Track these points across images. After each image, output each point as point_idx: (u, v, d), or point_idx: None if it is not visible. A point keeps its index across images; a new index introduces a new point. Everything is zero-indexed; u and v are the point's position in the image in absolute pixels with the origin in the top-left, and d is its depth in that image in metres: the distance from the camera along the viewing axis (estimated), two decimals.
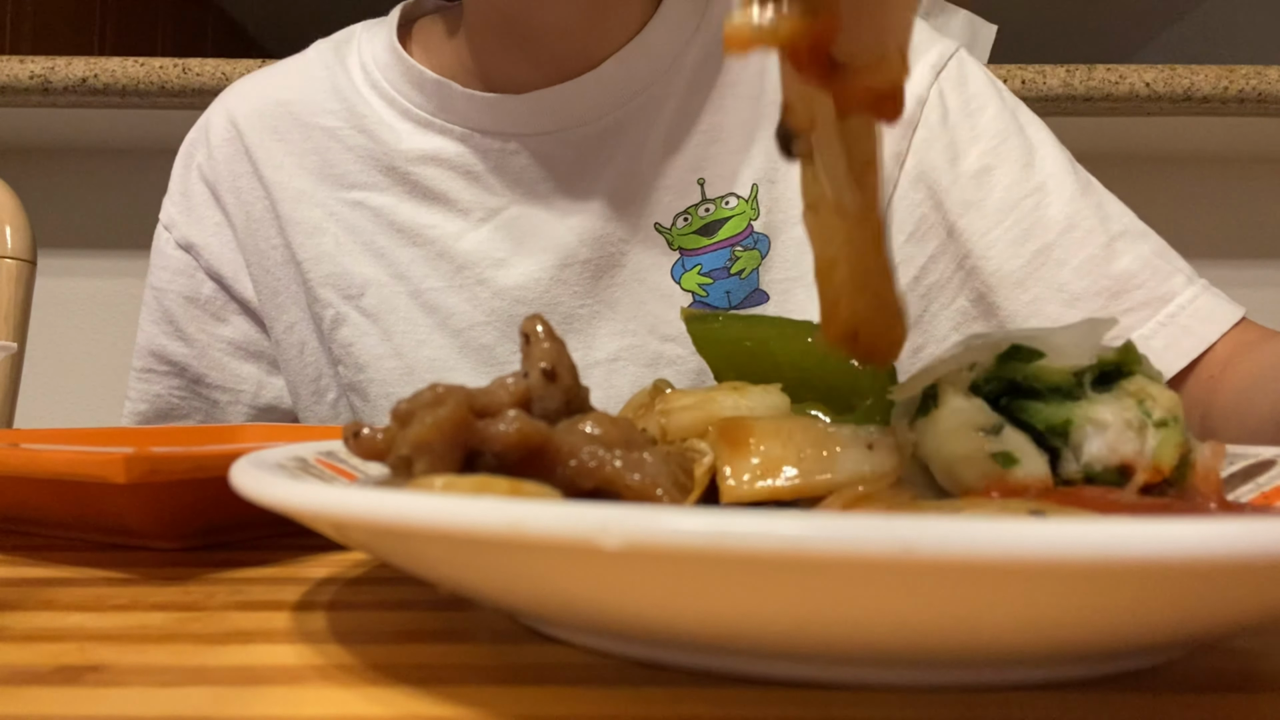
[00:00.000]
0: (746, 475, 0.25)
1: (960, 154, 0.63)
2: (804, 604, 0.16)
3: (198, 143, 0.71)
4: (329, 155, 0.67)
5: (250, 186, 0.68)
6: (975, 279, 0.62)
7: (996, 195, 0.62)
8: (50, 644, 0.22)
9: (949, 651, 0.17)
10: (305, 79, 0.69)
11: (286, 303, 0.68)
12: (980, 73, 0.67)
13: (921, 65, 0.65)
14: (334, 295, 0.65)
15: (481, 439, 0.23)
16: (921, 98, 0.64)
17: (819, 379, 0.34)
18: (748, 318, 0.37)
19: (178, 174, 0.72)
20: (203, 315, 0.70)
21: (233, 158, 0.69)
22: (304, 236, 0.66)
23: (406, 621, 0.23)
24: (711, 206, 0.63)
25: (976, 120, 0.64)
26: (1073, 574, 0.14)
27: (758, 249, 0.63)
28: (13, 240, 0.90)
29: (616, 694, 0.19)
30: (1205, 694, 0.19)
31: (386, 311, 0.64)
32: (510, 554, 0.17)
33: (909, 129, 0.64)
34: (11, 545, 0.33)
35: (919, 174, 0.64)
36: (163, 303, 0.70)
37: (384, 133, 0.66)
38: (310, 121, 0.67)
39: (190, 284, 0.70)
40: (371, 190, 0.66)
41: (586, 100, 0.63)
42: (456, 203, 0.65)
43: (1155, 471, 0.26)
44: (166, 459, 0.28)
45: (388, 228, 0.65)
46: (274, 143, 0.68)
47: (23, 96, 1.24)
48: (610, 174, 0.63)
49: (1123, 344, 0.27)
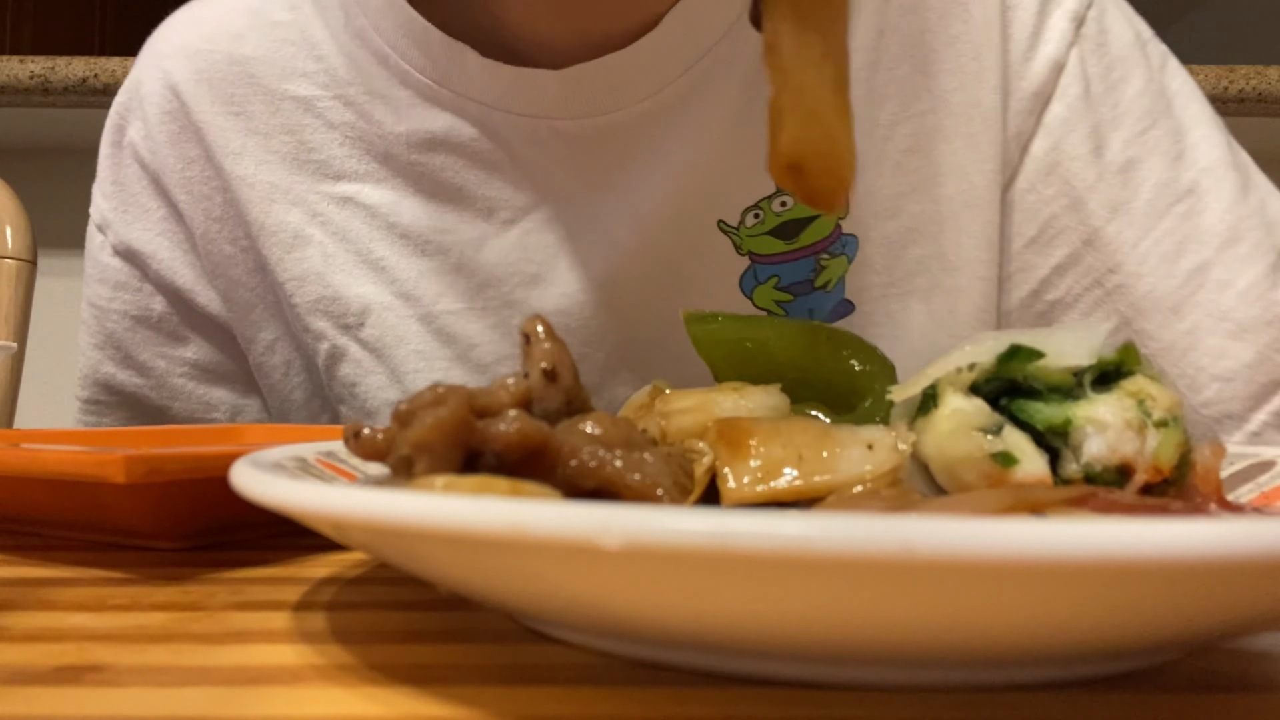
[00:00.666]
0: (747, 477, 0.25)
1: (1104, 142, 0.51)
2: (804, 604, 0.16)
3: (130, 116, 0.55)
4: (305, 136, 0.52)
5: (204, 177, 0.53)
6: (1120, 300, 0.51)
7: (1144, 196, 0.50)
8: (50, 644, 0.22)
9: (949, 651, 0.17)
10: (265, 24, 0.53)
11: (264, 318, 0.55)
12: (1125, 22, 0.52)
13: (1059, 14, 0.51)
14: (327, 325, 0.52)
15: (482, 439, 0.23)
16: (1058, 61, 0.51)
17: (819, 379, 0.34)
18: (747, 318, 0.37)
19: (106, 156, 0.56)
20: (156, 337, 0.56)
21: (178, 138, 0.53)
22: (282, 250, 0.52)
23: (406, 621, 0.23)
24: (789, 200, 0.50)
25: (1119, 95, 0.51)
26: (1073, 574, 0.14)
27: (845, 253, 0.51)
28: (13, 240, 0.90)
29: (616, 694, 0.19)
30: (1205, 694, 0.19)
31: (394, 343, 0.52)
32: (510, 554, 0.17)
33: (1038, 102, 0.51)
34: (11, 545, 0.33)
35: (1053, 164, 0.51)
36: (105, 324, 0.56)
37: (377, 107, 0.51)
38: (277, 89, 0.52)
39: (136, 300, 0.55)
40: (365, 182, 0.52)
41: (636, 71, 0.49)
42: (475, 200, 0.51)
43: (1155, 471, 0.26)
44: (166, 459, 0.28)
45: (387, 232, 0.52)
46: (231, 119, 0.52)
47: (23, 96, 1.24)
48: (666, 162, 0.50)
49: (1123, 344, 0.27)
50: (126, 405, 0.57)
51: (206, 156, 0.53)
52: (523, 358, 0.27)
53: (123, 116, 0.56)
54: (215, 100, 0.53)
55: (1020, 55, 0.51)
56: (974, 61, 0.51)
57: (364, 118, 0.52)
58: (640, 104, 0.50)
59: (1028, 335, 0.27)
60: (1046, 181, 0.51)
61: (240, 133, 0.52)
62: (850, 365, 0.34)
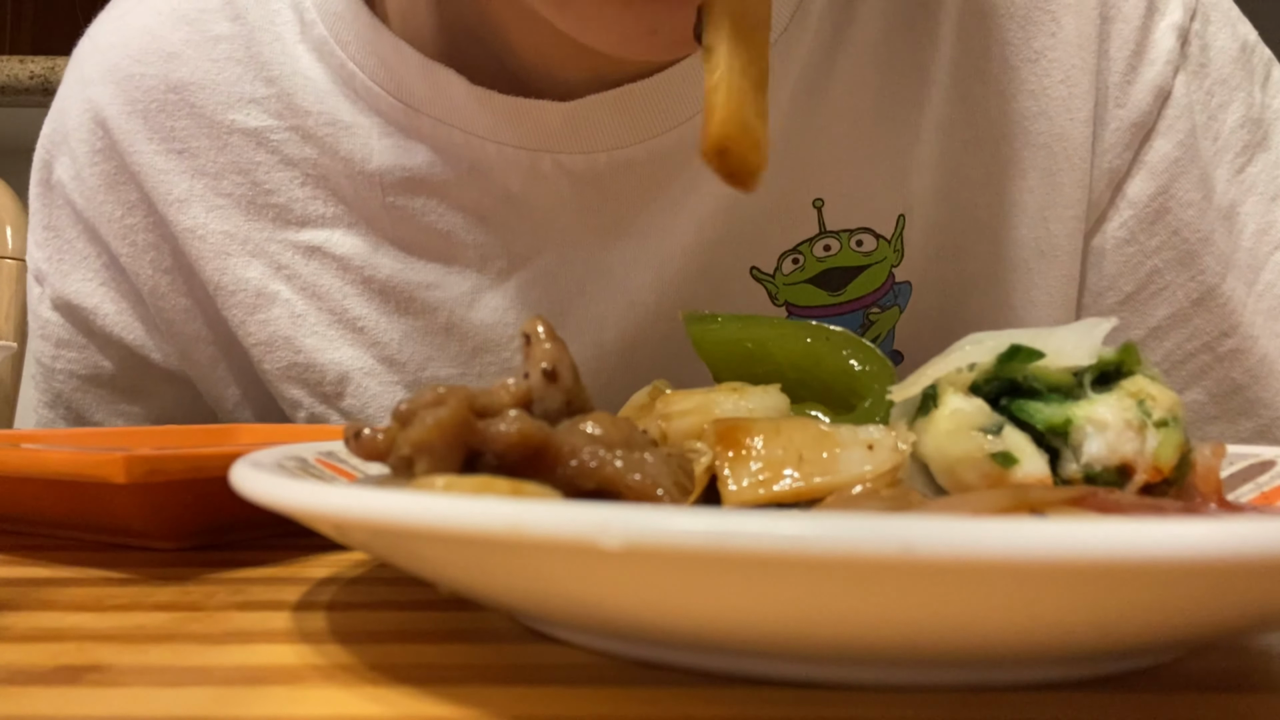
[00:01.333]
0: (747, 479, 0.25)
1: (1212, 185, 0.44)
2: (804, 604, 0.16)
3: (56, 149, 0.48)
4: (260, 175, 0.44)
5: (146, 225, 0.46)
6: (1235, 366, 0.44)
7: (1245, 245, 0.44)
8: (50, 644, 0.22)
9: (949, 651, 0.17)
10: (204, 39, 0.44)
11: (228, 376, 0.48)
12: (1227, 32, 0.44)
13: (1163, 28, 0.43)
14: (302, 394, 0.46)
15: (482, 439, 0.23)
16: (1163, 89, 0.43)
17: (818, 380, 0.34)
18: (747, 318, 0.37)
19: (36, 197, 0.49)
20: (111, 395, 0.49)
21: (112, 180, 0.46)
22: (244, 313, 0.45)
23: (406, 621, 0.23)
24: (834, 244, 0.44)
25: (1219, 125, 0.44)
26: (1073, 574, 0.14)
27: (898, 304, 0.45)
28: (13, 240, 0.90)
29: (616, 694, 0.19)
30: (1205, 694, 0.19)
31: (378, 414, 0.46)
32: (510, 554, 0.17)
33: (1137, 134, 0.43)
34: (11, 545, 0.33)
35: (1160, 210, 0.44)
36: (52, 384, 0.50)
37: (343, 139, 0.43)
38: (223, 119, 0.44)
39: (83, 358, 0.49)
40: (334, 228, 0.44)
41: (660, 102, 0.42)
42: (465, 248, 0.44)
43: (1155, 471, 0.26)
44: (166, 459, 0.28)
45: (364, 287, 0.44)
46: (172, 158, 0.44)
47: (23, 96, 1.24)
48: (692, 206, 0.43)
49: (1123, 344, 0.27)
50: None
51: (147, 203, 0.45)
52: (523, 358, 0.27)
53: (49, 151, 0.48)
54: (152, 136, 0.45)
55: (1120, 78, 0.43)
56: (1062, 85, 0.43)
57: (327, 153, 0.44)
58: (662, 135, 0.42)
59: (1028, 335, 0.27)
60: (1151, 231, 0.44)
61: (185, 174, 0.44)
62: (850, 365, 0.34)
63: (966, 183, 0.45)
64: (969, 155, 0.44)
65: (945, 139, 0.44)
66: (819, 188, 0.44)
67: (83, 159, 0.46)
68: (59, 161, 0.48)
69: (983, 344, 0.28)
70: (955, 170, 0.44)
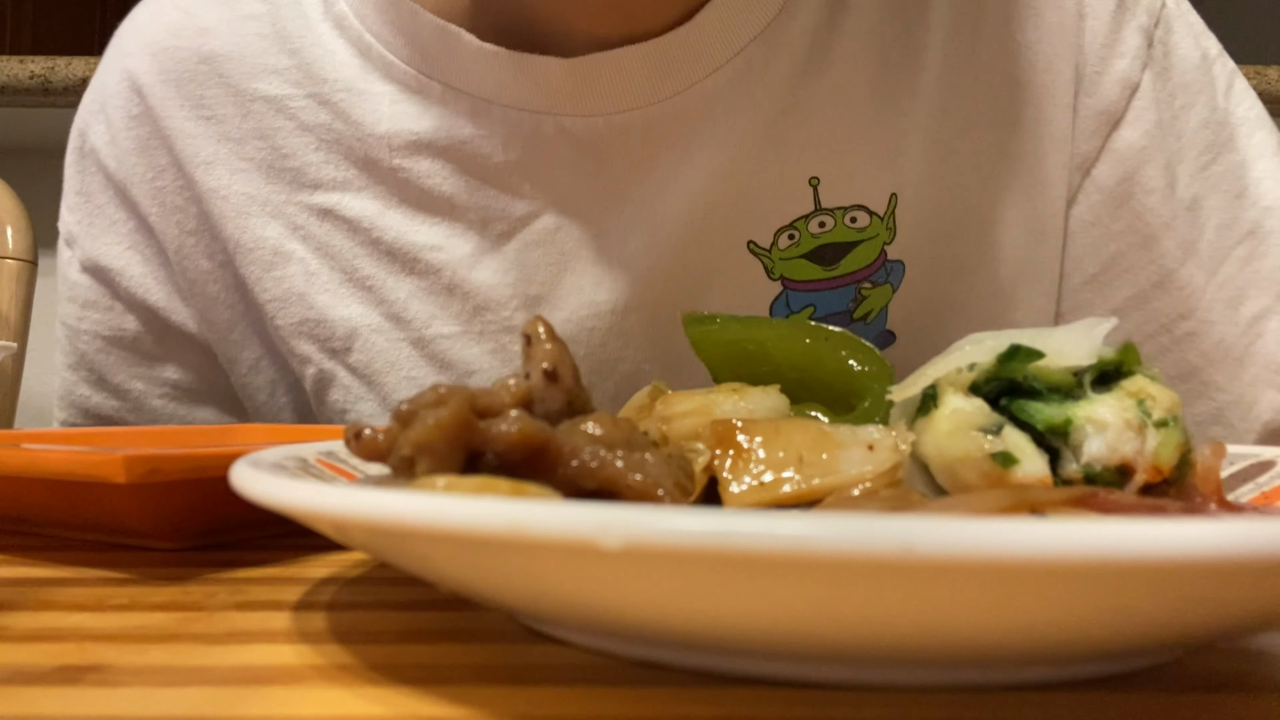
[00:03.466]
0: (748, 481, 0.25)
1: (1176, 177, 0.46)
2: (804, 604, 0.16)
3: (92, 124, 0.51)
4: (279, 140, 0.47)
5: (175, 188, 0.49)
6: (1190, 349, 0.47)
7: (1207, 238, 0.46)
8: (50, 644, 0.22)
9: (950, 651, 0.17)
10: (235, 16, 0.48)
11: (245, 337, 0.50)
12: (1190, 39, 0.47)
13: (1131, 27, 0.46)
14: (313, 349, 0.48)
15: (483, 439, 0.23)
16: (1131, 82, 0.46)
17: (818, 380, 0.34)
18: (746, 319, 0.37)
19: (71, 165, 0.52)
20: (131, 358, 0.52)
21: (145, 144, 0.49)
22: (261, 269, 0.48)
23: (406, 621, 0.23)
24: (829, 221, 0.45)
25: (1183, 125, 0.46)
26: (1073, 574, 0.14)
27: (890, 282, 0.46)
28: (13, 240, 0.90)
29: (616, 694, 0.19)
30: (1205, 694, 0.19)
31: (384, 369, 0.47)
32: (510, 554, 0.17)
33: (1105, 122, 0.46)
34: (11, 545, 0.33)
35: (1124, 196, 0.46)
36: (77, 345, 0.52)
37: (356, 105, 0.46)
38: (248, 89, 0.47)
39: (108, 320, 0.51)
40: (344, 191, 0.47)
41: (659, 67, 0.44)
42: (467, 211, 0.46)
43: (1155, 471, 0.26)
44: (166, 459, 0.28)
45: (372, 248, 0.47)
46: (200, 123, 0.48)
47: (23, 96, 1.24)
48: (689, 172, 0.45)
49: (1123, 344, 0.27)
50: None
51: (177, 165, 0.49)
52: (523, 358, 0.27)
53: (86, 121, 0.52)
54: (183, 103, 0.48)
55: (1092, 70, 0.46)
56: (1045, 74, 0.45)
57: (341, 118, 0.47)
58: (661, 103, 0.44)
59: (1028, 335, 0.27)
60: (1116, 215, 0.46)
61: (211, 139, 0.48)
62: (849, 366, 0.34)
63: (956, 166, 0.46)
64: (959, 140, 0.46)
65: (936, 124, 0.46)
66: (815, 166, 0.45)
67: (118, 124, 0.49)
68: (94, 129, 0.50)
69: (983, 344, 0.28)
70: (946, 154, 0.46)
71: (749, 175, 0.45)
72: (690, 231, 0.45)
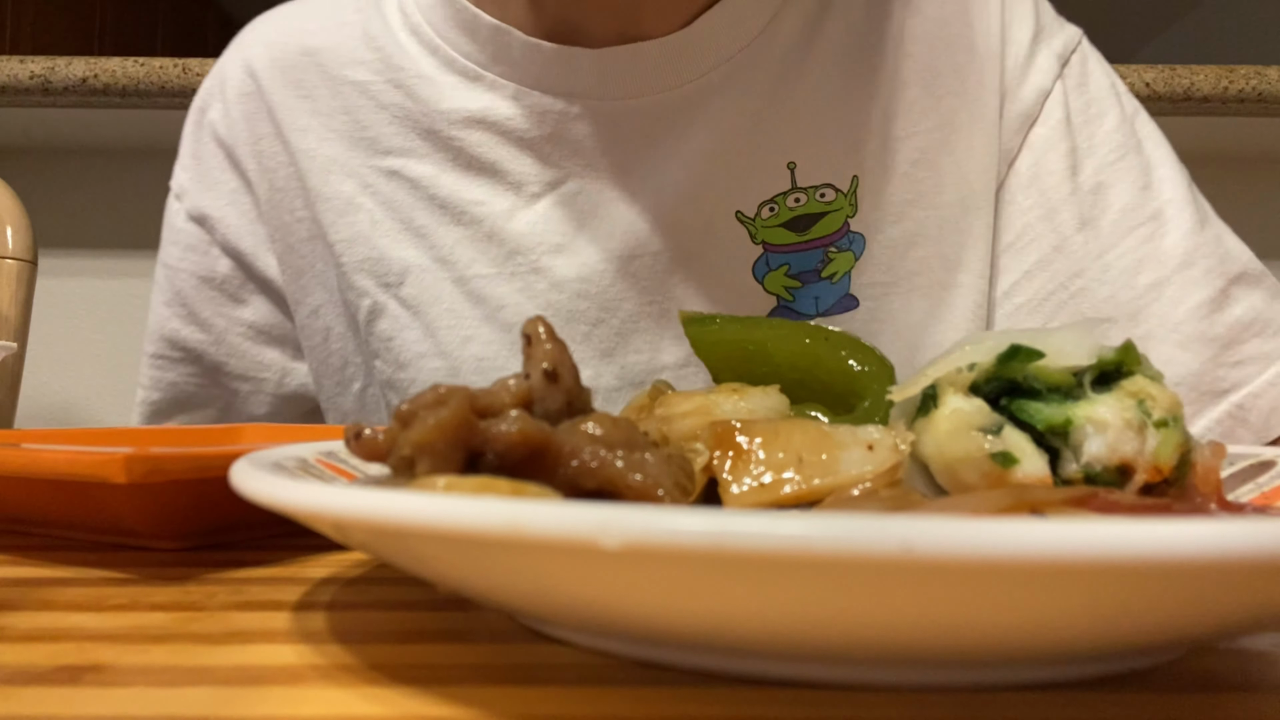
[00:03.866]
0: (748, 483, 0.25)
1: (1079, 164, 0.57)
2: (804, 604, 0.16)
3: (212, 96, 0.63)
4: (360, 115, 0.58)
5: (273, 151, 0.60)
6: (1082, 302, 0.56)
7: (1111, 217, 0.56)
8: (50, 644, 0.22)
9: (949, 651, 0.17)
10: (334, 23, 0.60)
11: (312, 284, 0.61)
12: (1102, 71, 0.60)
13: (1046, 52, 0.58)
14: (371, 283, 0.58)
15: (484, 439, 0.23)
16: (1044, 90, 0.57)
17: (817, 380, 0.34)
18: (745, 319, 0.37)
19: (189, 134, 0.64)
20: (219, 297, 0.62)
21: (252, 116, 0.61)
22: (335, 215, 0.58)
23: (406, 621, 0.23)
24: (803, 197, 0.56)
25: (1096, 128, 0.58)
26: (1073, 574, 0.14)
27: (852, 250, 0.56)
28: (13, 240, 0.90)
29: (616, 694, 0.19)
30: (1205, 694, 0.19)
31: (429, 302, 0.57)
32: (510, 554, 0.17)
33: (1025, 122, 0.57)
34: (11, 545, 0.33)
35: (1033, 177, 0.57)
36: (175, 283, 0.63)
37: (424, 88, 0.57)
38: (339, 75, 0.59)
39: (204, 262, 0.62)
40: (409, 157, 0.58)
41: (668, 62, 0.55)
42: (507, 174, 0.57)
43: (1155, 471, 0.26)
44: (166, 459, 0.28)
45: (428, 203, 0.57)
46: (298, 100, 0.60)
47: (23, 96, 1.24)
48: (688, 150, 0.55)
49: (1123, 343, 0.27)
50: (188, 361, 0.63)
51: (276, 133, 0.60)
52: (524, 358, 0.27)
53: (205, 100, 0.64)
54: (287, 84, 0.60)
55: (1014, 81, 0.58)
56: (977, 86, 0.57)
57: (411, 98, 0.58)
58: (668, 92, 0.55)
59: (1027, 335, 0.27)
60: (1026, 193, 0.57)
61: (306, 112, 0.59)
62: (849, 366, 0.34)
63: (908, 157, 0.57)
64: (910, 136, 0.57)
65: (891, 123, 0.57)
66: (792, 153, 0.56)
67: (233, 100, 0.61)
68: (212, 105, 0.63)
69: (983, 344, 0.28)
70: (899, 148, 0.57)
71: (737, 157, 0.56)
72: (686, 200, 0.55)
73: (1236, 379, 0.54)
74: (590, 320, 0.56)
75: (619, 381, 0.57)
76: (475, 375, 0.56)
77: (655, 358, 0.56)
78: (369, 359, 0.60)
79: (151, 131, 1.35)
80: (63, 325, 1.45)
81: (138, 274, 1.44)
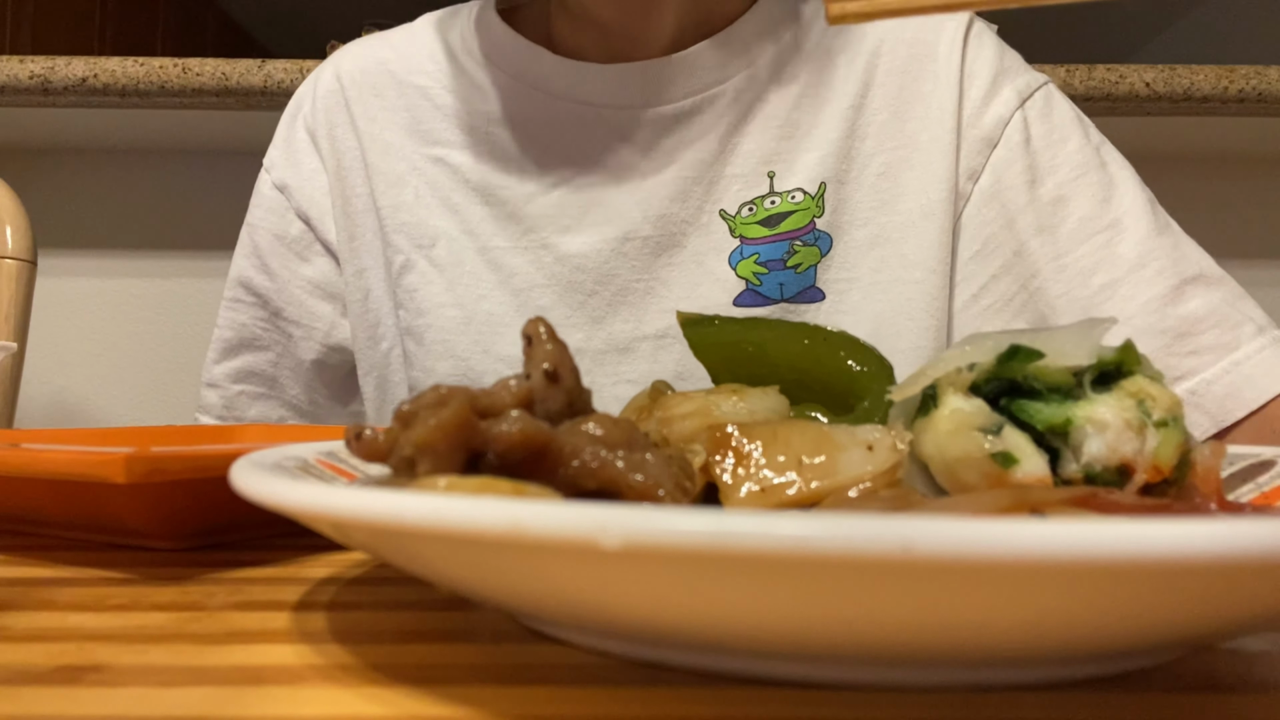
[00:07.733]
0: (749, 486, 0.25)
1: (1039, 180, 0.64)
2: (804, 604, 0.16)
3: (305, 95, 0.77)
4: (419, 112, 0.71)
5: (345, 136, 0.73)
6: (1040, 301, 0.62)
7: (1070, 225, 0.62)
8: (50, 644, 0.22)
9: (949, 651, 0.17)
10: (409, 44, 0.75)
11: (360, 249, 0.72)
12: (1068, 108, 0.67)
13: (1009, 89, 0.66)
14: (406, 242, 0.69)
15: (484, 440, 0.23)
16: (1004, 118, 0.65)
17: (817, 380, 0.34)
18: (745, 320, 0.37)
19: (284, 123, 0.78)
20: (288, 253, 0.74)
21: (333, 109, 0.74)
22: (386, 185, 0.71)
23: (406, 621, 0.23)
24: (777, 199, 0.66)
25: (1058, 151, 0.64)
26: (1073, 574, 0.14)
27: (818, 246, 0.65)
28: (13, 240, 0.90)
29: (616, 694, 0.19)
30: (1205, 694, 0.19)
31: (453, 264, 0.68)
32: (511, 554, 0.17)
33: (987, 146, 0.65)
34: (11, 545, 0.33)
35: (994, 192, 0.64)
36: (254, 238, 0.75)
37: (471, 94, 0.70)
38: (406, 80, 0.72)
39: (280, 222, 0.75)
40: (453, 148, 0.70)
41: (670, 80, 0.66)
42: (530, 165, 0.68)
43: (1155, 471, 0.26)
44: (166, 459, 0.28)
45: (464, 185, 0.69)
46: (372, 98, 0.73)
47: (23, 96, 1.24)
48: (683, 156, 0.66)
49: (1122, 344, 0.27)
50: (257, 305, 0.75)
51: (350, 122, 0.73)
52: (524, 359, 0.27)
53: (301, 97, 0.78)
54: (364, 86, 0.74)
55: (974, 110, 0.66)
56: (938, 111, 0.66)
57: (461, 101, 0.71)
58: (669, 105, 0.66)
59: (1027, 335, 0.27)
60: (989, 207, 0.64)
61: (376, 107, 0.73)
62: (848, 366, 0.34)
63: (874, 173, 0.66)
64: (876, 155, 0.66)
65: (858, 142, 0.67)
66: (772, 164, 0.67)
67: (320, 96, 0.75)
68: (305, 101, 0.76)
69: (983, 344, 0.28)
70: (866, 165, 0.66)
71: (724, 164, 0.66)
72: (679, 196, 0.66)
73: (1190, 366, 0.58)
74: (586, 290, 0.66)
75: (606, 345, 0.66)
76: (485, 326, 0.67)
77: (639, 327, 0.65)
78: (395, 309, 0.71)
79: (151, 131, 1.34)
80: (63, 325, 1.45)
81: (138, 274, 1.44)
